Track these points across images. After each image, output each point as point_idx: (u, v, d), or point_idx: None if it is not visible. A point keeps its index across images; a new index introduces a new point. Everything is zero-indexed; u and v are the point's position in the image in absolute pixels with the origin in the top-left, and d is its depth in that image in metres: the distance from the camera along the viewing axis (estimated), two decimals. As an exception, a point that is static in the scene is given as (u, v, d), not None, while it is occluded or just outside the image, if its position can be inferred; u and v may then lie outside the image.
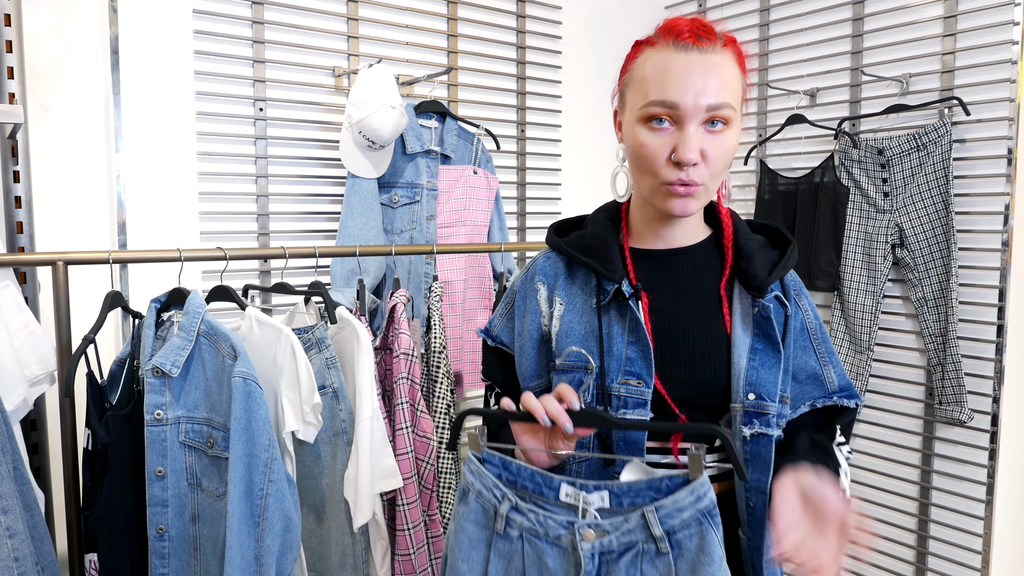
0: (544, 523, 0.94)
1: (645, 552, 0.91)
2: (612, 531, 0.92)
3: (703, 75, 0.93)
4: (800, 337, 1.05)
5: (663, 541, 0.90)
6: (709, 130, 0.95)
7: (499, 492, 0.97)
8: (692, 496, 0.90)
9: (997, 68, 2.13)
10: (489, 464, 0.99)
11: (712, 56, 0.94)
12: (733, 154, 0.98)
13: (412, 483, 1.61)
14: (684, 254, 1.06)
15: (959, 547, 2.25)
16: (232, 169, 2.07)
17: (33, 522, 1.32)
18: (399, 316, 1.63)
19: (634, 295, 1.02)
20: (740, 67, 0.98)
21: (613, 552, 0.92)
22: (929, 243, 2.24)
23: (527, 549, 0.96)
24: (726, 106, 0.94)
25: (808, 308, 1.07)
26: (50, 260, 1.43)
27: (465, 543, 0.98)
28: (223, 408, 1.43)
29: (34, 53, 1.79)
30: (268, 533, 1.37)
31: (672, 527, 0.90)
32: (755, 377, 0.99)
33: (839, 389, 1.05)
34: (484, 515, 0.99)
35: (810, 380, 1.05)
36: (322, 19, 2.19)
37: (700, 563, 0.89)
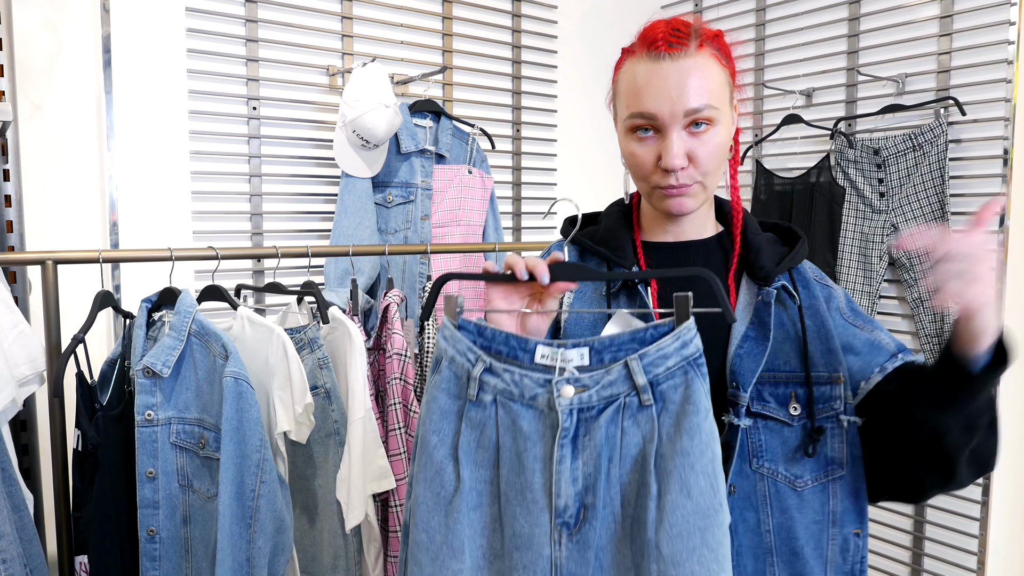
0: (520, 382, 0.89)
1: (627, 406, 0.86)
2: (592, 385, 0.86)
3: (677, 83, 0.95)
4: (836, 316, 1.03)
5: (646, 392, 0.85)
6: (693, 132, 0.97)
7: (473, 356, 0.91)
8: (678, 342, 0.85)
9: (993, 68, 2.13)
10: (464, 331, 0.93)
11: (685, 61, 0.96)
12: (724, 149, 1.00)
13: (405, 484, 1.60)
14: (694, 246, 1.08)
15: (955, 548, 2.25)
16: (225, 168, 2.06)
17: (22, 524, 1.31)
18: (392, 316, 1.62)
19: (642, 283, 1.02)
20: (721, 63, 0.98)
21: (593, 408, 0.86)
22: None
23: (501, 414, 0.90)
24: (705, 108, 0.95)
25: (835, 289, 1.06)
26: (40, 259, 1.42)
27: (436, 414, 0.92)
28: (214, 409, 1.42)
29: (25, 51, 1.77)
30: (260, 534, 1.36)
31: (656, 377, 0.85)
32: (738, 365, 0.98)
33: (899, 349, 1.01)
34: (457, 383, 0.92)
35: (867, 347, 1.01)
36: (316, 18, 2.18)
37: (685, 413, 0.83)
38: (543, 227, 2.73)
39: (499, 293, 0.95)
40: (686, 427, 0.82)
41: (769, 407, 0.99)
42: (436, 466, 0.90)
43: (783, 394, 1.00)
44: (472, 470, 0.89)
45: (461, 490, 0.88)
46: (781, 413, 0.98)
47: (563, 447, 0.85)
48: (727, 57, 1.00)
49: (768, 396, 0.99)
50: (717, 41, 0.99)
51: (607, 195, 2.98)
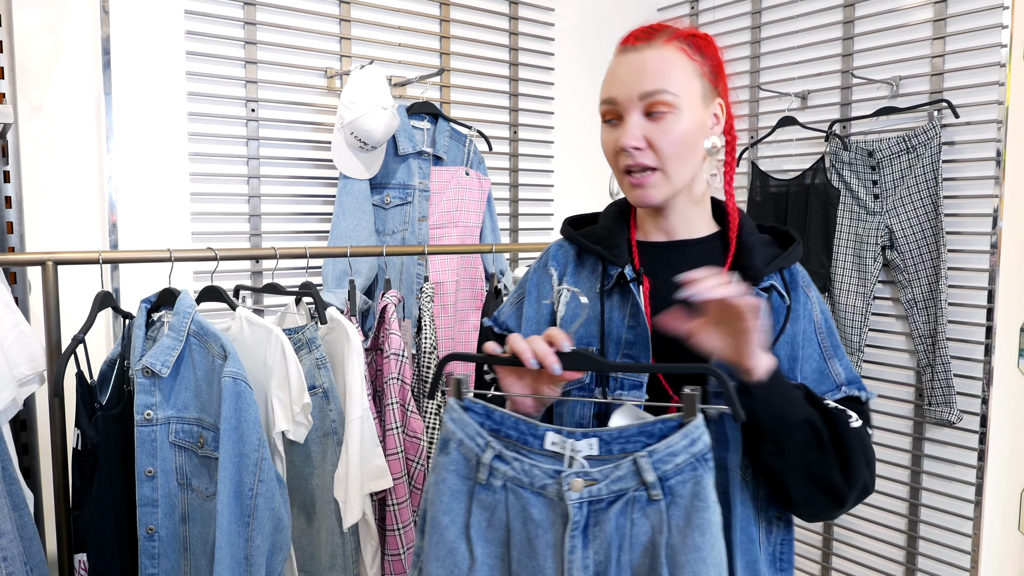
0: (529, 472, 0.91)
1: (636, 500, 0.87)
2: (602, 479, 0.88)
3: (637, 69, 1.01)
4: (807, 327, 1.05)
5: (655, 487, 0.87)
6: (652, 118, 1.00)
7: (482, 440, 0.93)
8: (686, 439, 0.86)
9: (986, 71, 2.15)
10: (472, 412, 0.95)
11: (648, 51, 1.02)
12: (688, 140, 1.01)
13: (402, 483, 1.62)
14: (688, 246, 1.09)
15: (948, 547, 2.26)
16: (224, 170, 2.07)
17: (22, 522, 1.32)
18: (389, 317, 1.64)
19: (635, 279, 1.05)
20: (691, 56, 1.02)
21: (602, 501, 0.88)
22: (919, 245, 2.25)
23: (511, 500, 0.92)
24: (660, 92, 0.99)
25: (817, 301, 1.08)
26: (40, 260, 1.43)
27: (446, 494, 0.94)
28: (213, 408, 1.43)
29: (25, 52, 1.78)
30: (258, 533, 1.37)
31: (665, 472, 0.86)
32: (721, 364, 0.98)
33: (846, 381, 1.04)
34: (466, 465, 0.94)
35: (814, 375, 1.04)
36: (314, 20, 2.19)
37: (695, 508, 0.85)
38: (540, 228, 2.74)
39: (510, 372, 0.97)
40: (697, 523, 0.84)
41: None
42: (449, 545, 0.93)
43: None
44: (484, 547, 0.92)
45: (474, 567, 0.91)
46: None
47: (574, 538, 0.87)
48: (703, 53, 1.03)
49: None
50: (693, 39, 1.03)
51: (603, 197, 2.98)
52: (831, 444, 0.94)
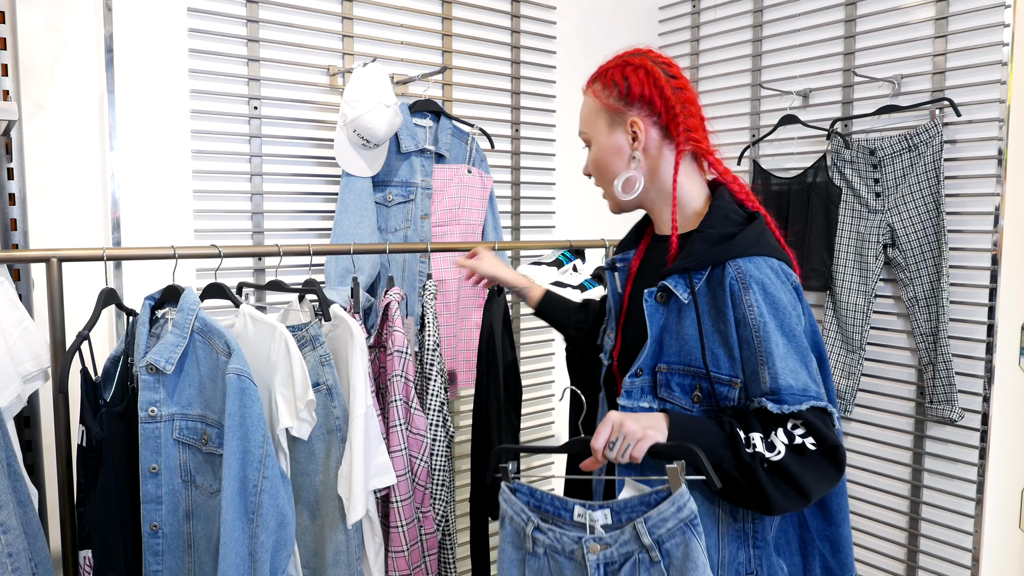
0: (560, 540, 1.11)
1: (641, 561, 1.04)
2: (612, 544, 1.06)
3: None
4: (742, 331, 1.11)
5: (654, 550, 1.03)
6: (588, 150, 1.32)
7: (525, 516, 1.16)
8: (673, 507, 1.03)
9: (987, 69, 2.15)
10: (519, 493, 1.18)
11: (584, 99, 1.32)
12: (601, 162, 1.28)
13: (405, 480, 1.62)
14: (660, 240, 1.30)
15: (950, 545, 2.27)
16: (227, 167, 2.07)
17: (27, 518, 1.32)
18: (393, 314, 1.64)
19: (610, 268, 1.38)
20: (597, 95, 1.28)
21: (615, 563, 1.06)
22: (920, 243, 2.26)
23: (551, 564, 1.12)
24: (582, 132, 1.33)
25: (755, 304, 1.10)
26: (44, 257, 1.43)
27: (506, 562, 1.18)
28: (217, 405, 1.43)
29: (28, 51, 1.78)
30: (262, 529, 1.37)
31: (660, 536, 1.03)
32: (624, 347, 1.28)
33: (769, 391, 1.09)
34: (517, 536, 1.17)
35: (751, 376, 1.12)
36: (317, 18, 2.19)
37: (686, 569, 1.01)
38: (542, 226, 2.74)
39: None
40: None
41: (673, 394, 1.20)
42: None
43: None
44: None
45: None
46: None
47: None
48: (606, 88, 1.26)
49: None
50: (600, 78, 1.28)
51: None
52: (745, 485, 1.07)
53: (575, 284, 2.09)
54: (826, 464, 1.08)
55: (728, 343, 1.12)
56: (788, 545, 1.20)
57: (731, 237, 1.16)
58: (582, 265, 2.19)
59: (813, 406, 1.08)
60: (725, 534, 1.14)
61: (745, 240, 1.14)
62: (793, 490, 1.06)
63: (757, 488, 1.06)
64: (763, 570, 1.14)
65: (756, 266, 1.12)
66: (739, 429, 1.08)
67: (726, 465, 1.07)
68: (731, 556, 1.13)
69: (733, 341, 1.11)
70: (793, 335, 1.11)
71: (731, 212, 1.21)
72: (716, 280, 1.14)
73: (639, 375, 1.18)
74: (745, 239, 1.14)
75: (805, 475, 1.06)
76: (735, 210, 1.22)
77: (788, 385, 1.08)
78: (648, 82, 1.21)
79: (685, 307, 1.16)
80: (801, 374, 1.09)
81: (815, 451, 1.07)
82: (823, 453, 1.07)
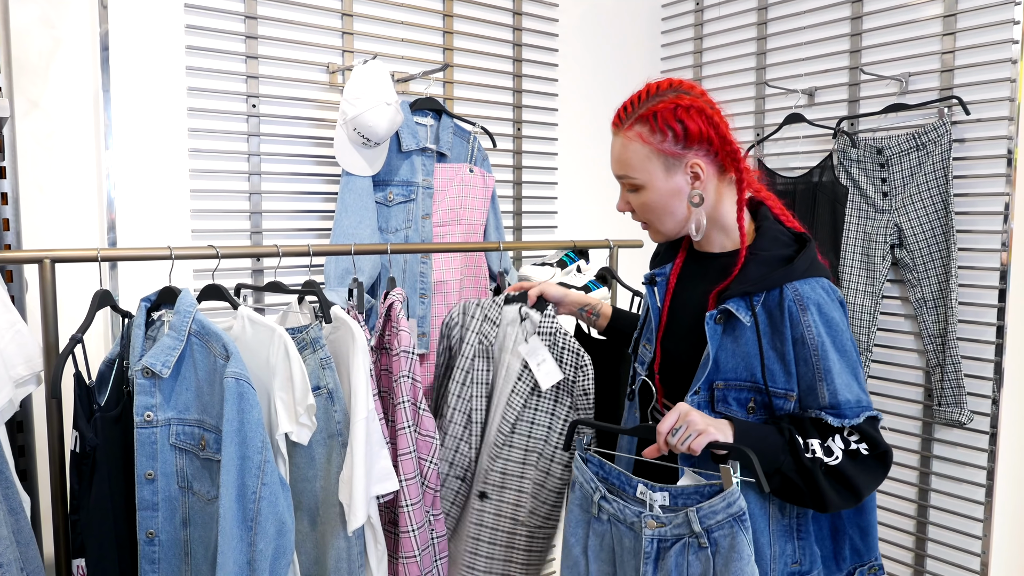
0: (623, 511, 1.24)
1: (690, 545, 1.16)
2: (667, 524, 1.18)
3: (614, 154, 1.32)
4: (800, 350, 1.20)
5: (703, 537, 1.14)
6: (629, 191, 1.32)
7: (594, 485, 1.29)
8: (723, 503, 1.14)
9: (997, 67, 2.12)
10: (589, 463, 1.32)
11: (617, 139, 1.30)
12: (658, 206, 1.29)
13: (415, 484, 1.58)
14: (712, 259, 1.34)
15: (958, 549, 2.24)
16: (224, 167, 2.04)
17: (18, 526, 1.29)
18: (397, 315, 1.60)
19: (649, 283, 1.40)
20: (645, 139, 1.25)
21: (667, 541, 1.18)
22: (928, 243, 2.22)
23: (613, 530, 1.26)
24: (625, 177, 1.30)
25: (812, 324, 1.19)
26: (37, 258, 1.39)
27: (573, 522, 1.32)
28: (215, 410, 1.39)
29: (22, 47, 1.75)
30: (261, 537, 1.34)
31: (710, 526, 1.14)
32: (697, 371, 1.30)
33: (828, 406, 1.19)
34: (585, 501, 1.30)
35: (808, 391, 1.21)
36: (316, 15, 2.16)
37: (731, 559, 1.11)
38: (544, 226, 2.71)
39: None
40: (731, 570, 1.12)
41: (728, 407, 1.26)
42: (573, 559, 1.32)
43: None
44: (597, 565, 1.29)
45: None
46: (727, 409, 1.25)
47: (647, 565, 1.20)
48: (662, 129, 1.23)
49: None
50: (648, 120, 1.24)
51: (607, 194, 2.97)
52: (804, 487, 1.17)
53: (579, 285, 2.06)
54: (877, 466, 1.19)
55: (785, 360, 1.20)
56: (820, 531, 1.28)
57: (787, 260, 1.24)
58: (586, 266, 2.16)
59: (868, 416, 1.19)
60: (775, 530, 1.23)
61: (802, 264, 1.22)
62: (847, 491, 1.17)
63: (816, 489, 1.16)
64: (806, 559, 1.25)
65: (811, 288, 1.21)
66: (797, 435, 1.18)
67: (786, 468, 1.16)
68: (780, 549, 1.23)
69: (790, 358, 1.20)
70: (846, 351, 1.20)
71: (779, 234, 1.28)
72: (773, 302, 1.22)
73: (697, 393, 1.25)
74: (802, 263, 1.22)
75: (859, 477, 1.17)
76: (782, 231, 1.30)
77: (846, 400, 1.19)
78: (703, 122, 1.23)
79: (743, 327, 1.22)
80: (855, 387, 1.20)
81: (868, 455, 1.18)
82: (875, 457, 1.19)
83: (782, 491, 1.19)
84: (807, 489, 1.16)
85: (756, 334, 1.21)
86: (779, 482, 1.18)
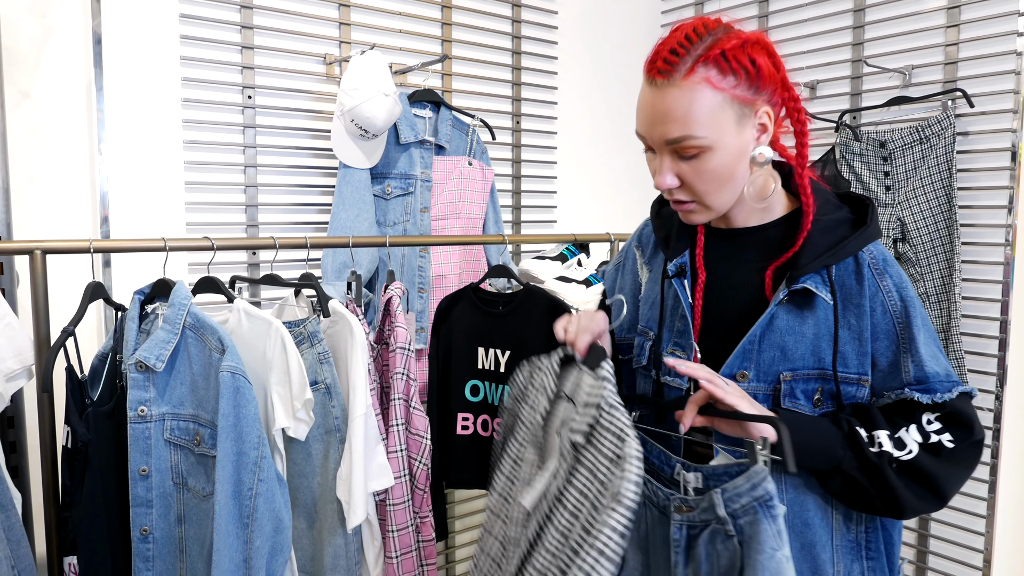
0: (656, 493, 1.06)
1: (717, 532, 0.99)
2: (695, 508, 1.01)
3: (661, 113, 0.99)
4: (879, 320, 1.04)
5: (728, 524, 0.97)
6: (683, 159, 1.01)
7: None
8: (748, 483, 0.95)
9: (1001, 59, 2.10)
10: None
11: (669, 91, 0.98)
12: (723, 172, 1.02)
13: (401, 483, 1.55)
14: (749, 234, 1.11)
15: (960, 546, 2.23)
16: (220, 159, 2.01)
17: (9, 524, 1.26)
18: (395, 309, 1.58)
19: (677, 275, 1.13)
20: (717, 85, 0.98)
21: (696, 527, 1.01)
22: (931, 237, 2.21)
23: (647, 513, 1.08)
24: (687, 138, 0.99)
25: (894, 289, 1.04)
26: (27, 249, 1.37)
27: None
28: (210, 404, 1.37)
29: (12, 36, 1.71)
30: (257, 534, 1.31)
31: (734, 511, 0.97)
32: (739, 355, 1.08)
33: (914, 380, 1.02)
34: None
35: (889, 369, 1.04)
36: (313, 5, 2.13)
37: (753, 550, 0.94)
38: (543, 220, 2.68)
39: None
40: (752, 563, 0.94)
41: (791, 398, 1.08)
42: None
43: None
44: (632, 552, 1.10)
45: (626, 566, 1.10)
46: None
47: (677, 554, 1.03)
48: (734, 69, 0.98)
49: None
50: (720, 58, 0.97)
51: (607, 187, 2.94)
52: (871, 488, 0.99)
53: (580, 279, 2.03)
54: (965, 459, 1.02)
55: (861, 338, 1.04)
56: (891, 548, 1.12)
57: (854, 223, 1.07)
58: (587, 260, 2.13)
59: (962, 392, 1.02)
60: (840, 546, 1.06)
61: (874, 224, 1.06)
62: (927, 489, 1.00)
63: (886, 490, 0.99)
64: None
65: (883, 249, 1.07)
66: (859, 427, 1.01)
67: (846, 466, 1.00)
68: (846, 569, 1.05)
69: (867, 336, 1.04)
70: (925, 318, 1.05)
71: (828, 196, 1.10)
72: (848, 271, 1.06)
73: (740, 379, 1.07)
74: (874, 223, 1.06)
75: (942, 472, 0.99)
76: (827, 192, 1.12)
77: (935, 373, 1.02)
78: (770, 61, 1.00)
79: (814, 306, 1.04)
80: (941, 359, 1.04)
81: (953, 447, 1.00)
82: (965, 448, 1.01)
83: (845, 494, 1.03)
84: (875, 490, 0.99)
85: (834, 313, 1.03)
86: (840, 484, 1.02)
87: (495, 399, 1.78)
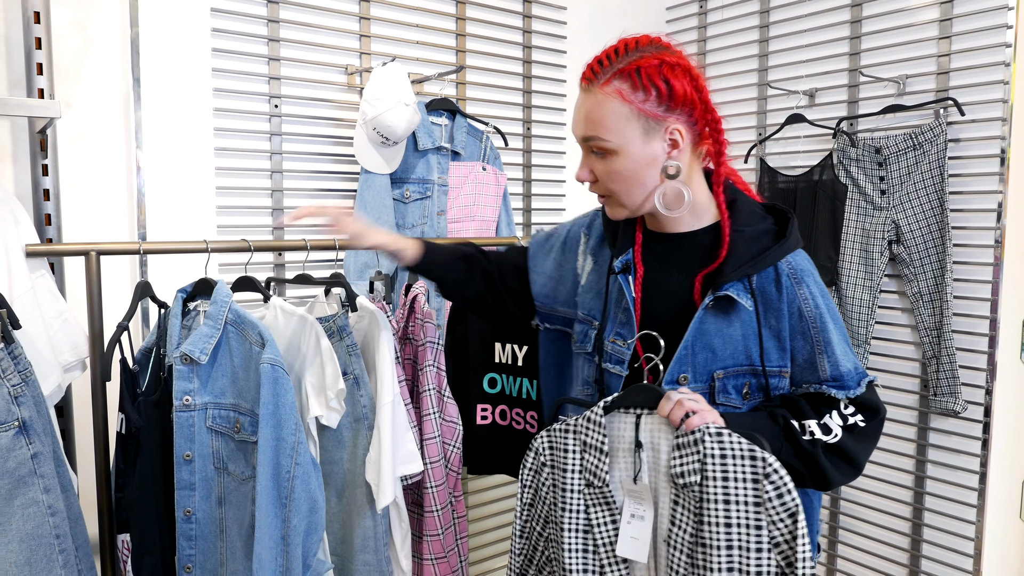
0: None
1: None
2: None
3: (581, 113, 1.15)
4: (797, 323, 1.17)
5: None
6: (597, 156, 1.16)
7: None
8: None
9: (991, 70, 2.20)
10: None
11: (589, 95, 1.14)
12: (629, 174, 1.14)
13: (439, 466, 1.66)
14: (681, 239, 1.23)
15: (952, 534, 2.32)
16: (248, 164, 2.11)
17: (69, 503, 1.36)
18: (421, 306, 1.68)
19: (623, 271, 1.23)
20: (626, 97, 1.10)
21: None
22: (925, 239, 2.31)
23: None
24: (595, 139, 1.13)
25: (809, 296, 1.17)
26: (83, 250, 1.47)
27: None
28: (250, 394, 1.47)
29: (56, 49, 1.82)
30: (295, 514, 1.41)
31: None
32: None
33: (830, 378, 1.16)
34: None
35: (806, 365, 1.18)
36: (335, 18, 2.23)
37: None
38: (553, 223, 2.79)
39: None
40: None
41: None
42: None
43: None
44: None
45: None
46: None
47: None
48: (645, 87, 1.10)
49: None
50: (634, 74, 1.10)
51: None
52: (805, 470, 1.13)
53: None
54: (874, 433, 1.17)
55: (780, 337, 1.17)
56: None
57: (775, 235, 1.18)
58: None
59: (868, 381, 1.17)
60: None
61: (793, 237, 1.18)
62: (848, 464, 1.15)
63: (817, 471, 1.13)
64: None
65: (802, 259, 1.19)
66: (792, 420, 1.14)
67: (785, 455, 1.11)
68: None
69: (785, 335, 1.17)
70: (838, 320, 1.19)
71: (755, 207, 1.22)
72: (768, 278, 1.17)
73: (683, 382, 1.17)
74: (793, 236, 1.18)
75: (859, 449, 1.14)
76: (755, 204, 1.23)
77: (848, 371, 1.16)
78: (689, 84, 1.11)
79: (738, 310, 1.16)
80: (851, 355, 1.17)
81: (864, 425, 1.15)
82: (872, 425, 1.16)
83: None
84: (809, 472, 1.13)
85: (756, 317, 1.16)
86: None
87: (512, 391, 1.89)
